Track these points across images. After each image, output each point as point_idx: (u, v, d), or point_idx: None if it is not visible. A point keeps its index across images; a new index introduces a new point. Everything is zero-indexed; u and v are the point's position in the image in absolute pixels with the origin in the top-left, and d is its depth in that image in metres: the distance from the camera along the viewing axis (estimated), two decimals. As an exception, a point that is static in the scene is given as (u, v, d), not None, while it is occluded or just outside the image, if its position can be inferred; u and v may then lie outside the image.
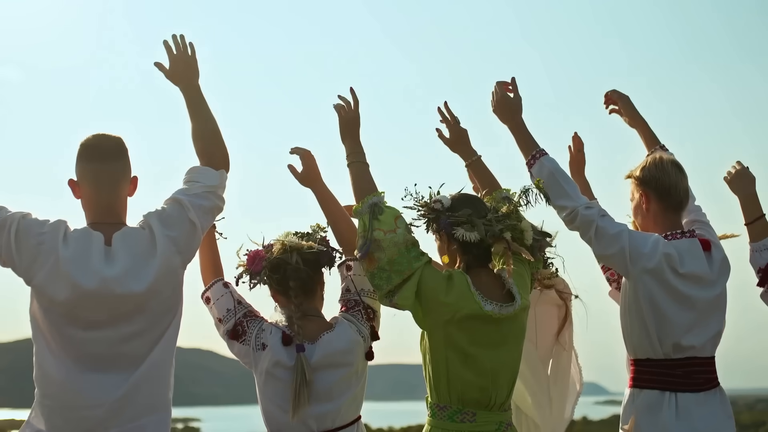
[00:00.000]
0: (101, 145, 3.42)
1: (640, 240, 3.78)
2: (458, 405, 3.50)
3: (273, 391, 3.61)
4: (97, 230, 3.33)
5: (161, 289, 3.31)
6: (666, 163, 3.91)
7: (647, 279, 3.74)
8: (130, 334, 3.27)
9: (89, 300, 3.23)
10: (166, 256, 3.33)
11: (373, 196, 3.61)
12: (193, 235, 3.43)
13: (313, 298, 3.80)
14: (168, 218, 3.39)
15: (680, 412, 3.72)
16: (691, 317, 3.75)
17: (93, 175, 3.40)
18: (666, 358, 3.76)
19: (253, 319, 3.73)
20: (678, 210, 3.92)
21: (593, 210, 3.80)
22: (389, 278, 3.47)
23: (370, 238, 3.49)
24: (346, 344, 3.65)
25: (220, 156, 3.59)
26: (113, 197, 3.41)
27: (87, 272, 3.23)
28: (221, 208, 3.58)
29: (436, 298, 3.46)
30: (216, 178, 3.53)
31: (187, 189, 3.49)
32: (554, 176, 3.82)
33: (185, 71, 3.70)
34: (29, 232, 3.28)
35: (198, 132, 3.63)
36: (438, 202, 3.62)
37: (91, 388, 3.24)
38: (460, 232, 3.53)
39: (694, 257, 3.79)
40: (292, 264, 3.72)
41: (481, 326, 3.47)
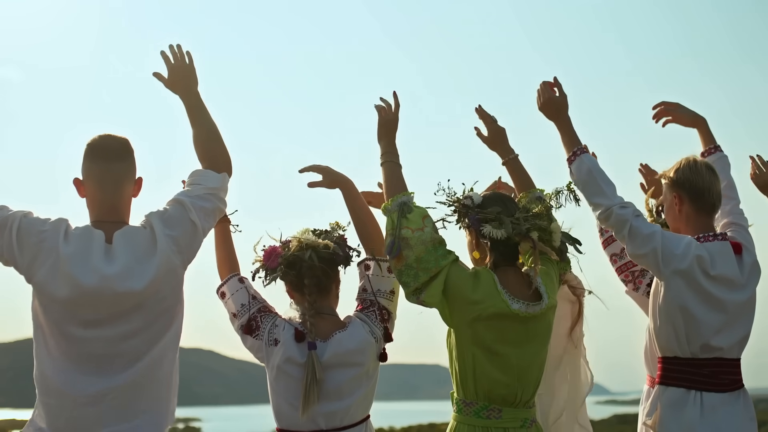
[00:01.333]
0: (106, 145, 3.45)
1: (673, 241, 3.80)
2: (484, 401, 3.55)
3: (284, 386, 3.64)
4: (99, 229, 3.36)
5: (160, 288, 3.33)
6: (700, 165, 3.94)
7: (678, 280, 3.77)
8: (128, 332, 3.29)
9: (89, 298, 3.25)
10: (166, 255, 3.34)
11: (402, 195, 3.65)
12: (194, 236, 3.45)
13: (328, 296, 3.82)
14: (169, 218, 3.42)
15: (705, 411, 3.75)
16: (720, 319, 3.78)
17: (97, 175, 3.43)
18: (693, 357, 3.79)
19: (267, 314, 3.76)
20: (711, 213, 3.95)
21: (628, 210, 3.82)
22: (416, 276, 3.51)
23: (399, 237, 3.53)
24: (357, 344, 3.67)
25: (221, 159, 3.64)
26: (116, 197, 3.44)
27: (87, 270, 3.26)
28: (223, 210, 3.63)
29: (463, 295, 3.50)
30: (218, 181, 3.58)
31: (190, 191, 3.53)
32: (592, 174, 3.85)
33: (184, 80, 3.74)
34: (30, 231, 3.32)
35: (199, 137, 3.67)
36: (468, 199, 3.69)
37: (89, 386, 3.26)
38: (488, 228, 3.59)
39: (725, 260, 3.82)
40: (307, 261, 3.74)
41: (507, 324, 3.51)
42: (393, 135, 3.85)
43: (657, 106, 4.47)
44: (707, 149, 4.28)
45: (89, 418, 3.26)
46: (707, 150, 4.27)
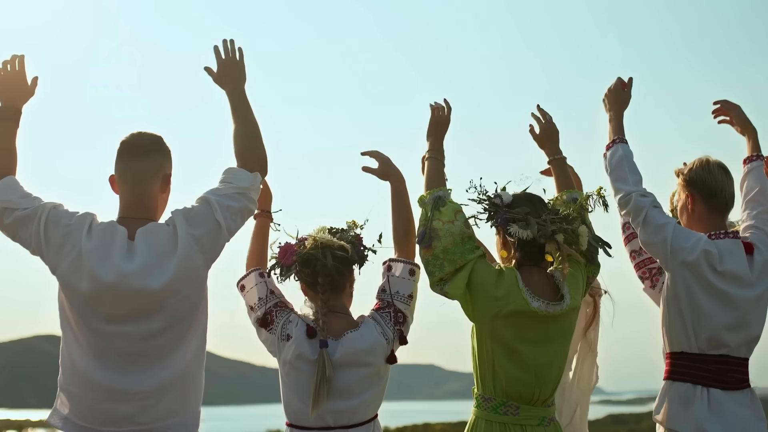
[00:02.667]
0: (133, 143, 3.51)
1: (683, 234, 3.85)
2: (502, 398, 3.59)
3: (295, 382, 3.66)
4: (123, 225, 3.38)
5: (181, 288, 3.33)
6: (713, 165, 3.99)
7: (685, 272, 3.81)
8: (150, 331, 3.30)
9: (108, 293, 3.27)
10: (187, 254, 3.34)
11: (440, 189, 3.74)
12: (217, 236, 3.43)
13: (341, 295, 3.83)
14: (194, 217, 3.41)
15: (712, 406, 3.77)
16: (727, 314, 3.81)
17: (122, 172, 3.50)
18: (700, 353, 3.82)
19: (282, 309, 3.78)
20: (723, 212, 3.99)
21: (647, 199, 3.90)
22: (441, 266, 3.57)
23: (430, 227, 3.60)
24: (368, 344, 3.67)
25: (256, 159, 3.63)
26: (139, 193, 3.46)
27: (106, 265, 3.28)
28: (252, 210, 3.61)
29: (485, 291, 3.55)
30: (249, 180, 3.56)
31: (219, 189, 3.52)
32: (622, 161, 3.98)
33: (232, 75, 3.77)
34: (58, 223, 3.37)
35: (238, 133, 3.67)
36: (498, 197, 3.74)
37: (117, 380, 3.29)
38: (514, 228, 3.63)
39: (735, 257, 3.85)
40: (321, 260, 3.75)
41: (527, 322, 3.55)
42: (442, 135, 3.94)
43: (718, 103, 4.46)
44: (749, 156, 4.26)
45: (120, 414, 3.29)
46: (749, 157, 4.26)
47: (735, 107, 4.41)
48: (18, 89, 3.74)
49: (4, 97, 3.72)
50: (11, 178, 3.56)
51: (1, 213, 3.47)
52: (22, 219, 3.43)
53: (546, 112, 4.20)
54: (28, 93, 3.75)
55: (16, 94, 3.73)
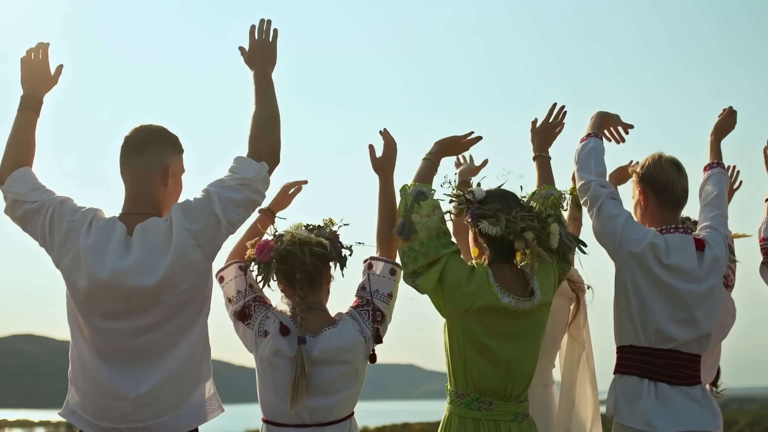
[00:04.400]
0: (130, 139, 3.49)
1: (633, 227, 3.90)
2: (475, 393, 3.61)
3: (272, 379, 3.65)
4: (123, 221, 3.37)
5: (177, 283, 3.30)
6: (664, 161, 4.04)
7: (632, 264, 3.85)
8: (146, 326, 3.29)
9: (102, 290, 3.27)
10: (182, 249, 3.30)
11: (424, 185, 3.77)
12: (216, 229, 3.37)
13: (319, 292, 3.83)
14: (193, 210, 3.36)
15: (659, 400, 3.79)
16: (673, 307, 3.83)
17: (122, 169, 3.49)
18: (648, 346, 3.84)
19: (261, 304, 3.77)
20: (675, 208, 4.03)
21: (605, 189, 3.97)
22: (415, 259, 3.59)
23: (408, 220, 3.63)
24: (346, 342, 3.67)
25: (266, 147, 3.53)
26: (138, 188, 3.45)
27: (101, 263, 3.28)
28: (257, 201, 3.52)
29: (457, 287, 3.57)
30: (254, 171, 3.46)
31: (222, 180, 3.45)
32: (591, 153, 4.08)
33: (260, 57, 3.68)
34: (62, 219, 3.38)
35: (255, 117, 3.58)
36: (470, 193, 3.77)
37: (116, 380, 3.29)
38: (484, 224, 3.65)
39: (683, 251, 3.88)
40: (299, 256, 3.74)
41: (497, 318, 3.56)
42: (448, 153, 4.01)
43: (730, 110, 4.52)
44: (710, 163, 4.35)
45: (119, 411, 3.29)
46: (710, 164, 4.34)
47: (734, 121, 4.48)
48: (41, 78, 3.71)
49: (27, 85, 3.69)
50: (26, 170, 3.55)
51: (12, 205, 3.50)
52: (30, 212, 3.44)
53: (558, 116, 4.27)
54: (51, 82, 3.72)
55: (39, 82, 3.71)
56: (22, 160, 3.56)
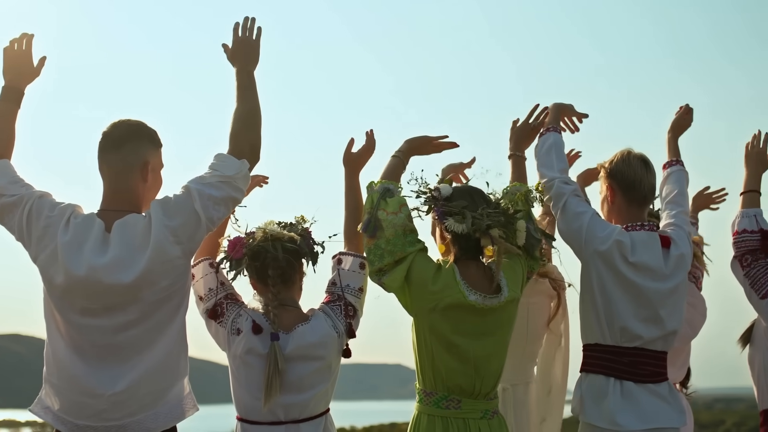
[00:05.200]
0: (108, 135, 3.46)
1: (599, 224, 3.89)
2: (444, 392, 3.59)
3: (245, 377, 3.65)
4: (102, 217, 3.35)
5: (156, 280, 3.28)
6: (632, 158, 4.04)
7: (598, 262, 3.84)
8: (125, 323, 3.27)
9: (79, 287, 3.25)
10: (161, 246, 3.27)
11: (390, 182, 3.75)
12: (196, 226, 3.35)
13: (291, 288, 3.83)
14: (172, 207, 3.33)
15: (625, 398, 3.79)
16: (638, 305, 3.83)
17: (100, 166, 3.46)
18: (614, 344, 3.84)
19: (233, 302, 3.77)
20: (642, 205, 4.02)
21: (569, 186, 3.96)
22: (382, 256, 3.57)
23: (375, 217, 3.61)
24: (319, 338, 3.68)
25: (247, 145, 3.52)
26: (116, 185, 3.42)
27: (78, 260, 3.25)
28: (238, 199, 3.51)
29: (423, 285, 3.55)
30: (234, 168, 3.45)
31: (202, 177, 3.42)
32: (551, 149, 4.06)
33: (243, 55, 3.68)
34: (40, 214, 3.35)
35: (236, 115, 3.57)
36: (436, 190, 3.75)
37: (92, 377, 3.27)
38: (449, 222, 3.63)
39: (648, 249, 3.87)
40: (272, 252, 3.74)
41: (464, 316, 3.55)
42: (417, 152, 3.97)
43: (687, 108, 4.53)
44: (669, 161, 4.34)
45: (94, 409, 3.27)
46: (669, 162, 4.33)
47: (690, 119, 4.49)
48: (23, 69, 3.67)
49: (8, 76, 3.66)
50: (4, 162, 3.52)
51: None
52: (8, 206, 3.41)
53: (539, 118, 4.27)
54: (33, 74, 3.69)
55: (20, 74, 3.67)
56: (1, 152, 3.54)
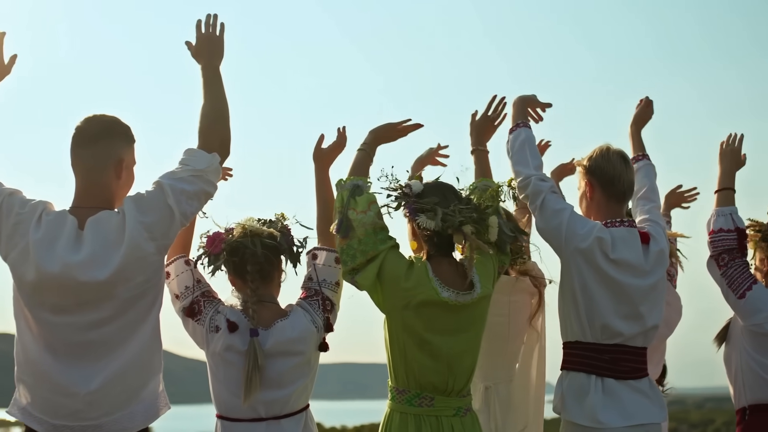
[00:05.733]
0: (82, 131, 3.42)
1: (578, 222, 3.86)
2: (416, 389, 3.57)
3: (224, 374, 3.64)
4: (75, 214, 3.31)
5: (130, 276, 3.25)
6: (612, 154, 4.01)
7: (579, 259, 3.82)
8: (98, 320, 3.24)
9: (52, 285, 3.21)
10: (136, 243, 3.25)
11: (359, 178, 3.72)
12: (170, 222, 3.34)
13: (270, 285, 3.82)
14: (145, 203, 3.31)
15: (606, 396, 3.77)
16: (620, 302, 3.81)
17: (74, 161, 3.42)
18: (595, 342, 3.82)
19: (210, 300, 3.76)
20: (621, 201, 4.00)
21: (546, 183, 3.92)
22: (354, 256, 3.54)
23: (345, 216, 3.57)
24: (299, 333, 3.68)
25: (217, 139, 3.53)
26: (90, 183, 3.38)
27: (51, 257, 3.22)
28: (210, 193, 3.49)
29: (396, 282, 3.53)
30: (205, 162, 3.45)
31: (174, 172, 3.42)
32: (524, 145, 4.00)
33: (208, 51, 3.69)
34: (10, 211, 3.31)
35: (204, 111, 3.58)
36: (407, 187, 3.71)
37: (65, 375, 3.24)
38: (422, 219, 3.60)
39: (628, 245, 3.86)
40: (251, 248, 3.74)
41: (437, 313, 3.53)
42: (383, 141, 3.94)
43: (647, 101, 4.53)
44: (635, 156, 4.34)
45: (70, 409, 3.24)
46: (635, 157, 4.33)
47: (651, 110, 4.50)
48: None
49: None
50: None
51: None
52: None
53: (498, 109, 4.26)
54: (4, 72, 3.66)
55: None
56: None
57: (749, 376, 4.30)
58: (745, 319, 4.29)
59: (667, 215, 5.00)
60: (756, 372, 4.27)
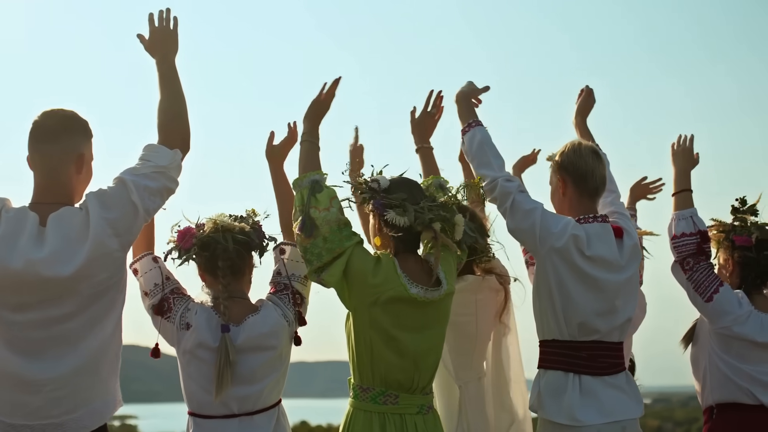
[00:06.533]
0: (40, 125, 3.39)
1: (551, 220, 3.84)
2: (381, 387, 3.54)
3: (196, 371, 3.64)
4: (35, 210, 3.28)
5: (94, 273, 3.24)
6: (584, 149, 3.99)
7: (555, 258, 3.80)
8: (60, 317, 3.22)
9: (15, 281, 3.18)
10: (100, 239, 3.24)
11: (315, 173, 3.66)
12: (134, 218, 3.33)
13: (241, 280, 3.83)
14: (108, 199, 3.30)
15: (584, 393, 3.78)
16: (596, 299, 3.81)
17: (33, 156, 3.39)
18: (572, 339, 3.82)
19: (180, 296, 3.75)
20: (593, 196, 3.98)
21: (513, 183, 3.89)
22: (320, 255, 3.50)
23: (308, 215, 3.53)
24: (270, 327, 3.69)
25: (177, 135, 3.53)
26: (51, 178, 3.36)
27: (14, 253, 3.19)
28: (172, 189, 3.49)
29: (363, 278, 3.50)
30: (168, 158, 3.45)
31: (136, 168, 3.41)
32: (483, 146, 3.96)
33: (162, 45, 3.68)
34: None
35: (162, 106, 3.58)
36: (375, 182, 3.68)
37: (26, 372, 3.20)
38: (391, 215, 3.56)
39: (603, 241, 3.86)
40: (222, 244, 3.74)
41: (405, 309, 3.51)
42: (319, 118, 3.85)
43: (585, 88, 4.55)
44: None
45: (30, 407, 3.21)
46: None
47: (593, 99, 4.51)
48: None
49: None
50: None
51: None
52: None
53: (436, 103, 4.26)
54: None
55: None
56: None
57: (717, 376, 4.31)
58: (713, 322, 4.29)
59: (632, 208, 4.99)
60: (724, 372, 4.28)
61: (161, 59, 3.67)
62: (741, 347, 4.26)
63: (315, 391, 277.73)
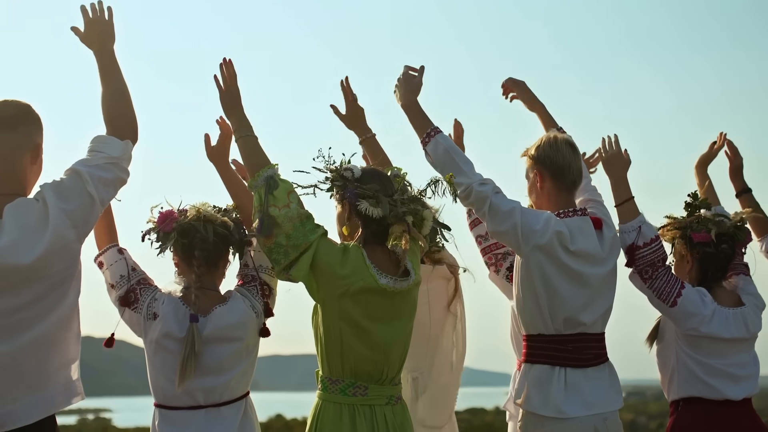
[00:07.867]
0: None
1: (532, 217, 3.83)
2: (351, 378, 3.51)
3: (162, 361, 3.62)
4: None
5: (52, 263, 3.21)
6: (560, 142, 3.98)
7: (539, 255, 3.80)
8: (17, 305, 3.17)
9: None
10: (59, 230, 3.21)
11: (267, 168, 3.59)
12: (90, 209, 3.32)
13: (215, 273, 3.82)
14: (64, 190, 3.28)
15: (569, 386, 3.80)
16: (582, 294, 3.83)
17: None
18: (557, 333, 3.84)
19: (146, 287, 3.73)
20: (571, 189, 3.98)
21: (487, 187, 3.85)
22: (286, 253, 3.46)
23: (267, 215, 3.48)
24: (237, 318, 3.68)
25: (126, 125, 3.51)
26: (5, 168, 3.31)
27: None
28: (125, 180, 3.48)
29: (331, 270, 3.47)
30: (119, 149, 3.44)
31: (88, 159, 3.40)
32: (449, 153, 3.89)
33: (99, 36, 3.65)
34: None
35: (106, 98, 3.56)
36: (348, 171, 3.63)
37: None
38: (365, 205, 3.53)
39: (585, 235, 3.86)
40: (202, 233, 3.72)
41: (375, 300, 3.49)
42: (239, 107, 3.77)
43: (505, 82, 4.54)
44: None
45: None
46: None
47: (520, 83, 4.51)
48: None
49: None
50: None
51: None
52: None
53: (351, 90, 4.24)
54: None
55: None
56: None
57: (685, 375, 4.30)
58: (679, 325, 4.26)
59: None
60: (693, 371, 4.27)
61: (99, 50, 3.64)
62: (710, 345, 4.26)
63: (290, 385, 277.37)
